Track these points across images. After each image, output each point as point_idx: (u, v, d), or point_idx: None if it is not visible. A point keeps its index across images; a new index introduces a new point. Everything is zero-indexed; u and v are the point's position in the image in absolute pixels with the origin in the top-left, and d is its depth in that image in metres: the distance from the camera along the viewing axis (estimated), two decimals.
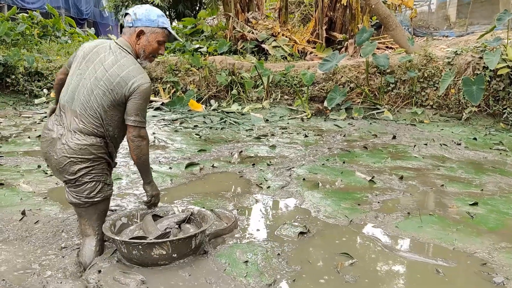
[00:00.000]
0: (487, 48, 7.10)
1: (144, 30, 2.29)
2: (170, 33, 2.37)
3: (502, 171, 4.37)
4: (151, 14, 2.30)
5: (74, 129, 2.19)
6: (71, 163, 2.18)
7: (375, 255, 2.50)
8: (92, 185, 2.24)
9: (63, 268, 2.31)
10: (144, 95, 2.22)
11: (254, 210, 3.19)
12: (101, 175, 2.27)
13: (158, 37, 2.32)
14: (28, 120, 6.85)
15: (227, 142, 5.55)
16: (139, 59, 2.34)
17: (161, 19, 2.33)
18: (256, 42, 10.90)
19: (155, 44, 2.33)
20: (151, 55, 2.36)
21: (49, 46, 11.11)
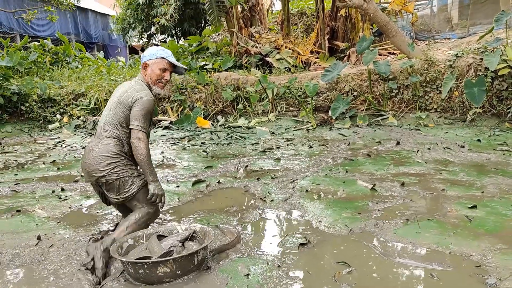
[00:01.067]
0: (487, 49, 7.15)
1: (148, 63, 2.92)
2: (171, 62, 2.92)
3: (504, 172, 4.41)
4: (152, 50, 2.94)
5: (99, 136, 2.85)
6: (98, 163, 2.76)
7: (372, 263, 2.59)
8: (122, 181, 2.77)
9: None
10: (143, 104, 2.77)
11: (257, 224, 3.30)
12: (126, 170, 2.79)
13: (159, 65, 2.91)
14: (42, 146, 7.11)
15: (233, 157, 5.69)
16: (152, 87, 2.92)
17: (160, 51, 2.92)
18: (260, 56, 11.10)
19: (157, 71, 2.91)
20: (158, 81, 2.92)
21: (60, 72, 11.49)
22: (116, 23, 19.47)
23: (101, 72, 11.69)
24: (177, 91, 9.05)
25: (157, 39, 20.90)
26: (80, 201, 4.02)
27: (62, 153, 6.38)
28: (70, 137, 7.74)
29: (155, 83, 2.92)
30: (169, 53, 2.96)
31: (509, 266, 2.45)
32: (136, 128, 2.75)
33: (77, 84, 9.95)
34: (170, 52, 3.00)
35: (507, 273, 2.36)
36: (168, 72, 2.96)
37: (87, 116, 8.84)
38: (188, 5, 16.77)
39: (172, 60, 2.94)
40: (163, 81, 2.94)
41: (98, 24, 23.49)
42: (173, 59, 2.97)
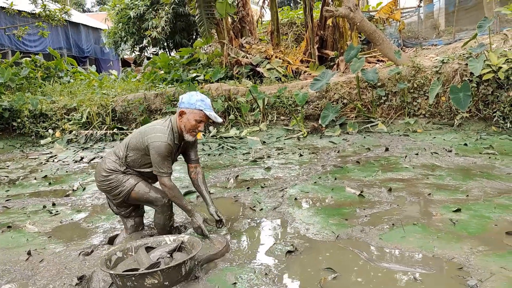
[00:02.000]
0: (471, 55, 7.29)
1: (185, 111, 2.93)
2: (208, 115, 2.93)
3: (489, 175, 4.50)
4: (191, 99, 2.93)
5: (112, 151, 3.16)
6: (97, 174, 3.09)
7: (358, 268, 2.64)
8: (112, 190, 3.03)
9: None
10: (157, 150, 2.85)
11: (246, 233, 3.34)
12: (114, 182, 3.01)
13: (195, 116, 2.92)
14: (34, 161, 7.12)
15: (224, 168, 5.74)
16: (184, 133, 2.97)
17: (199, 103, 2.91)
18: (251, 66, 11.21)
19: (193, 121, 2.92)
20: (191, 130, 2.95)
21: (52, 87, 11.53)
22: (108, 36, 19.60)
23: (93, 86, 11.75)
24: (169, 103, 9.11)
25: (149, 51, 21.04)
26: (71, 215, 4.05)
27: (54, 168, 6.40)
28: (62, 152, 7.76)
29: (188, 132, 2.95)
30: (208, 104, 2.95)
31: (489, 267, 2.51)
32: (158, 174, 2.90)
33: (69, 99, 10.00)
34: (209, 102, 2.99)
35: (487, 275, 2.43)
36: (203, 123, 2.96)
37: (79, 130, 8.87)
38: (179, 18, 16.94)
39: (209, 114, 2.92)
40: (197, 131, 2.98)
41: (90, 38, 23.60)
42: (212, 111, 2.95)
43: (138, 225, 3.29)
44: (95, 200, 4.56)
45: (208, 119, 2.96)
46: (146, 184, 3.08)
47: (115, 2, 18.96)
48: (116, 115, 9.29)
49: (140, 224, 3.32)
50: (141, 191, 3.03)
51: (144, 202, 3.14)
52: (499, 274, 2.42)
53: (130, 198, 3.06)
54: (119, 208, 3.21)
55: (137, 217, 3.29)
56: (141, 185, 3.04)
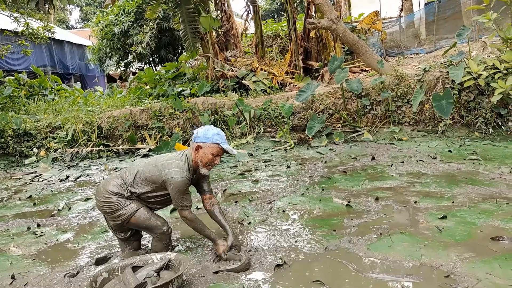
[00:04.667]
0: (452, 63, 7.44)
1: (201, 146, 2.93)
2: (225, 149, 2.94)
3: (473, 181, 4.56)
4: (208, 133, 2.94)
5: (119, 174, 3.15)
6: (98, 193, 3.07)
7: (347, 279, 2.64)
8: (112, 212, 3.00)
9: None
10: (176, 186, 2.88)
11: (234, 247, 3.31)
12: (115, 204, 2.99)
13: (212, 150, 2.93)
14: (19, 181, 7.00)
15: (212, 181, 5.71)
16: (199, 168, 2.97)
17: (215, 136, 2.92)
18: (237, 79, 11.26)
19: (210, 155, 2.94)
20: (208, 164, 2.96)
21: (36, 105, 11.41)
22: (93, 53, 19.51)
23: (78, 103, 11.66)
24: (155, 118, 9.08)
25: (135, 67, 21.00)
26: (57, 236, 3.98)
27: (39, 187, 6.30)
28: (48, 171, 7.65)
29: (205, 166, 2.95)
30: (224, 138, 2.97)
31: (476, 274, 2.53)
32: (179, 208, 2.95)
33: (54, 117, 9.89)
34: (224, 136, 3.00)
35: (474, 281, 2.45)
36: (220, 157, 2.99)
37: (64, 149, 8.77)
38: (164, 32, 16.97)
39: (226, 147, 2.94)
40: (214, 165, 2.98)
41: (74, 55, 23.48)
42: (227, 145, 2.97)
43: (135, 249, 3.26)
44: (81, 219, 4.49)
45: (224, 151, 2.97)
46: (147, 211, 3.06)
47: (99, 18, 18.94)
48: (102, 132, 9.21)
49: (138, 248, 3.29)
50: (142, 217, 3.01)
51: (143, 229, 3.11)
52: (485, 280, 2.44)
53: (130, 223, 3.04)
54: (116, 231, 3.17)
55: (135, 241, 3.27)
56: (142, 211, 3.02)
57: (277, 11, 31.02)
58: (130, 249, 3.22)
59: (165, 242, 3.07)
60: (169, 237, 3.09)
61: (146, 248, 3.36)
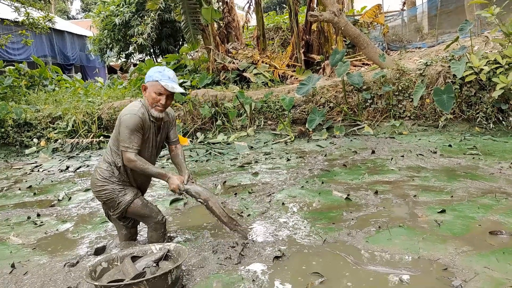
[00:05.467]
0: (454, 57, 7.41)
1: (147, 85, 2.88)
2: (164, 85, 2.80)
3: (473, 175, 4.56)
4: (151, 71, 2.87)
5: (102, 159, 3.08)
6: (93, 184, 3.02)
7: (345, 271, 2.65)
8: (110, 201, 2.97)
9: None
10: (125, 123, 2.77)
11: (233, 238, 3.32)
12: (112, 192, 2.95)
13: (154, 89, 2.83)
14: (19, 171, 7.01)
15: (212, 174, 5.72)
16: (150, 110, 2.87)
17: (156, 74, 2.82)
18: (238, 72, 11.23)
19: (153, 94, 2.83)
20: (154, 105, 2.86)
21: (37, 96, 11.39)
22: (93, 44, 19.45)
23: (78, 94, 11.63)
24: None
25: (135, 58, 20.94)
26: (56, 225, 4.00)
27: (39, 177, 6.31)
28: (48, 161, 7.66)
29: (152, 107, 2.86)
30: (166, 76, 2.82)
31: (474, 267, 2.54)
32: (123, 149, 2.79)
33: (54, 107, 9.87)
34: (170, 74, 2.85)
35: (472, 275, 2.46)
36: (164, 96, 2.83)
37: (64, 139, 8.77)
38: (165, 24, 16.89)
39: (165, 84, 2.78)
40: (159, 105, 2.84)
41: (75, 45, 23.39)
42: (169, 82, 2.81)
43: (132, 235, 3.27)
44: (81, 209, 4.51)
45: (167, 90, 2.82)
46: (143, 200, 3.06)
47: (100, 9, 18.86)
48: (102, 123, 9.21)
49: (135, 233, 3.30)
50: (139, 205, 3.00)
51: (139, 217, 3.10)
52: (483, 274, 2.46)
53: (128, 212, 3.03)
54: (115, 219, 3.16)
55: (132, 227, 3.27)
56: (138, 200, 3.02)
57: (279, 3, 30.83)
58: (126, 234, 3.21)
59: (160, 232, 3.07)
60: (164, 226, 3.09)
61: (144, 240, 3.37)
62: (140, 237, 3.42)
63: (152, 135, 2.95)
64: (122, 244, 3.19)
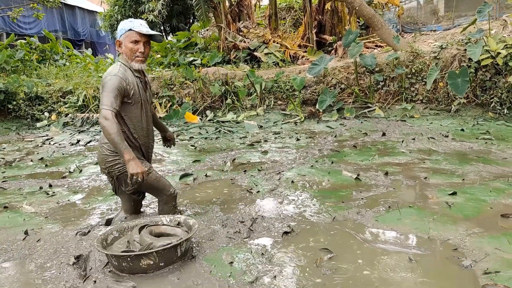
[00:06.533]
0: (470, 40, 7.25)
1: (120, 40, 2.82)
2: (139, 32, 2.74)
3: (485, 159, 4.52)
4: (121, 25, 2.82)
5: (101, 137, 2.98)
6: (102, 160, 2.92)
7: (353, 248, 2.66)
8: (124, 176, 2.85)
9: (64, 282, 2.49)
10: (106, 82, 2.69)
11: (242, 214, 3.34)
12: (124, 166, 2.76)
13: (129, 39, 2.78)
14: (30, 144, 7.08)
15: (221, 151, 5.74)
16: (131, 64, 2.82)
17: (127, 24, 2.78)
18: (249, 51, 11.13)
19: (130, 45, 2.78)
20: (134, 56, 2.80)
21: (48, 70, 11.41)
22: (104, 20, 19.32)
23: (89, 69, 11.64)
24: (165, 87, 9.05)
25: None
26: (68, 196, 4.05)
27: (50, 150, 6.37)
28: (58, 135, 7.72)
29: (132, 59, 2.79)
30: (137, 23, 2.77)
31: (484, 248, 2.53)
32: (100, 107, 2.65)
33: (65, 82, 9.91)
34: (140, 21, 2.80)
35: (482, 255, 2.45)
36: (141, 43, 2.78)
37: (75, 114, 8.81)
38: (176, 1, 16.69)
39: (140, 30, 2.74)
40: (139, 54, 2.79)
41: (85, 21, 23.28)
42: (143, 27, 2.76)
43: (138, 208, 3.27)
44: (92, 182, 4.55)
45: (145, 36, 2.78)
46: (155, 173, 3.02)
47: None
48: None
49: (140, 206, 3.31)
50: (153, 178, 2.95)
51: (152, 190, 3.05)
52: (493, 255, 2.45)
53: (142, 187, 2.92)
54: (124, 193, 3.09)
55: (139, 201, 3.27)
56: (152, 174, 2.95)
57: None
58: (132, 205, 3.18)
59: (171, 205, 3.08)
60: (175, 199, 3.10)
61: (154, 213, 3.40)
62: (150, 210, 3.46)
63: (140, 91, 2.88)
64: (131, 217, 3.20)
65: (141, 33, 2.75)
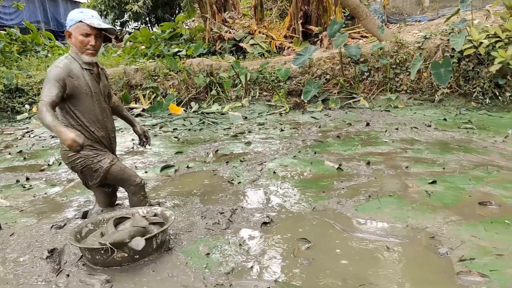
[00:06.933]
0: (454, 30, 7.27)
1: (70, 31, 2.67)
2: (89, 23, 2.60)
3: (466, 148, 4.54)
4: (71, 15, 2.68)
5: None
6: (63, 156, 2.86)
7: (332, 238, 2.64)
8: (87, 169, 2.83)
9: (36, 276, 2.43)
10: (47, 75, 2.60)
11: (222, 205, 3.30)
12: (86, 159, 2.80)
13: (80, 31, 2.63)
14: (10, 136, 6.93)
15: (204, 142, 5.68)
16: (81, 57, 2.69)
17: (77, 14, 2.64)
18: (234, 42, 11.03)
19: (80, 37, 2.64)
20: (84, 49, 2.67)
21: (29, 61, 11.17)
22: None
23: None
24: (149, 78, 8.92)
25: (131, 26, 20.51)
26: (45, 189, 3.97)
27: (29, 143, 6.24)
28: (39, 127, 7.57)
29: (82, 52, 2.66)
30: (89, 14, 2.64)
31: (461, 236, 2.54)
32: (40, 100, 2.53)
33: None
34: (92, 13, 2.68)
35: (458, 243, 2.46)
36: (93, 36, 2.65)
37: None
38: None
39: (91, 22, 2.60)
40: (90, 47, 2.66)
41: (68, 11, 22.68)
42: (94, 20, 2.63)
43: (112, 200, 3.19)
44: (71, 174, 4.46)
45: (94, 29, 2.63)
46: (120, 164, 2.94)
47: None
48: None
49: (114, 199, 3.23)
50: (118, 169, 2.88)
51: (119, 182, 2.98)
52: (469, 242, 2.45)
53: (108, 178, 2.89)
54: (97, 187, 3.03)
55: (112, 193, 3.18)
56: (116, 166, 2.88)
57: None
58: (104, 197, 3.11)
59: (140, 195, 2.98)
60: (143, 189, 3.00)
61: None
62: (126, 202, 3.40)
63: (90, 82, 2.74)
64: (107, 210, 3.11)
65: (92, 26, 2.62)
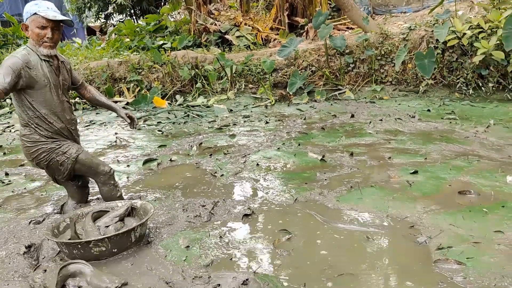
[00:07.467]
0: (438, 21, 7.30)
1: (27, 24, 2.61)
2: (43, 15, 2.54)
3: (448, 139, 4.58)
4: (26, 7, 2.61)
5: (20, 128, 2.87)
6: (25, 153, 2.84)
7: (313, 229, 2.64)
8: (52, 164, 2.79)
9: (13, 272, 2.39)
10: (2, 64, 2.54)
11: (204, 198, 3.28)
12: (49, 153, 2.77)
13: (35, 24, 2.58)
14: None
15: (188, 135, 5.63)
16: (38, 50, 2.63)
17: (33, 7, 2.57)
18: (220, 34, 10.94)
19: (36, 30, 2.58)
20: (41, 42, 2.61)
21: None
22: (71, 2, 18.65)
23: None
24: (133, 71, 8.81)
25: (115, 19, 20.19)
26: (24, 184, 3.90)
27: (10, 138, 6.13)
28: None
29: (40, 45, 2.60)
30: (44, 6, 2.58)
31: (440, 225, 2.56)
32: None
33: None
34: (48, 4, 2.62)
35: (437, 231, 2.47)
36: (49, 28, 2.58)
37: None
38: None
39: (46, 15, 2.53)
40: (47, 39, 2.60)
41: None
42: (49, 12, 2.56)
43: (84, 195, 3.11)
44: None
45: (50, 21, 2.57)
46: (86, 154, 2.90)
47: None
48: None
49: (87, 193, 3.15)
50: (84, 158, 2.84)
51: (87, 172, 2.92)
52: (448, 230, 2.47)
53: (76, 169, 2.85)
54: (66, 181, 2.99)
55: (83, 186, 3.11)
56: (82, 155, 2.84)
57: None
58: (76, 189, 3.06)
59: (110, 184, 2.94)
60: (113, 178, 2.95)
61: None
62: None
63: (49, 74, 2.69)
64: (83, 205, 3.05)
65: (47, 18, 2.55)
